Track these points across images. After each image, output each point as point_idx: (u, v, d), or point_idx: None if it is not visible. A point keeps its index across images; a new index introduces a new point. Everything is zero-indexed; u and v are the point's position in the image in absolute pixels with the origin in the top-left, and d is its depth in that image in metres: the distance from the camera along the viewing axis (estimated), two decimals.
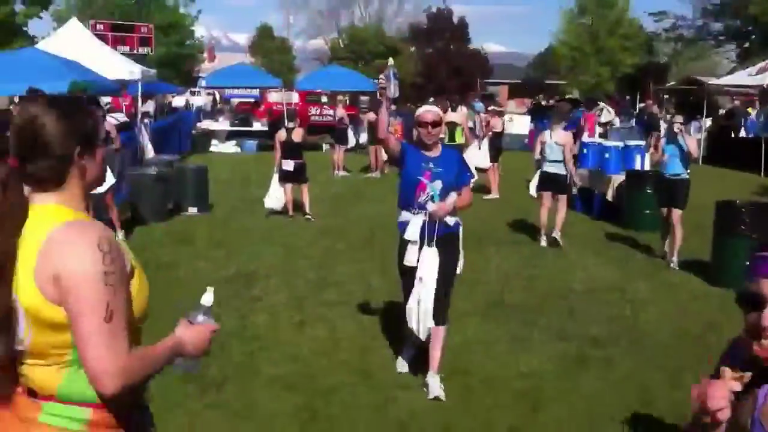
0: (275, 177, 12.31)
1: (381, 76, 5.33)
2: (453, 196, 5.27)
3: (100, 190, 10.14)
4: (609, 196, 12.50)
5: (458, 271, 5.45)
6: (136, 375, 1.94)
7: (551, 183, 10.47)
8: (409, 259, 5.24)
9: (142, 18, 34.94)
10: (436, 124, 5.34)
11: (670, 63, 50.25)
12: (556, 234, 10.43)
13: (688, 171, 9.30)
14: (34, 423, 1.97)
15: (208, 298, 2.26)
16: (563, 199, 10.54)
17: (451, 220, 5.30)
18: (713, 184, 15.37)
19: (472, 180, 5.74)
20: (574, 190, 12.04)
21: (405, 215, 5.37)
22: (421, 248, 5.21)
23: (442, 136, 5.71)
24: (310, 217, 12.11)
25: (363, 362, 5.95)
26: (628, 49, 47.22)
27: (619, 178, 12.46)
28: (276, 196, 12.32)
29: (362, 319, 7.02)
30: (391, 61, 5.56)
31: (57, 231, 1.93)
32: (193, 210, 12.53)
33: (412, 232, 5.21)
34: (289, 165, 12.09)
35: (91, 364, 1.88)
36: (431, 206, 5.19)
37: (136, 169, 12.44)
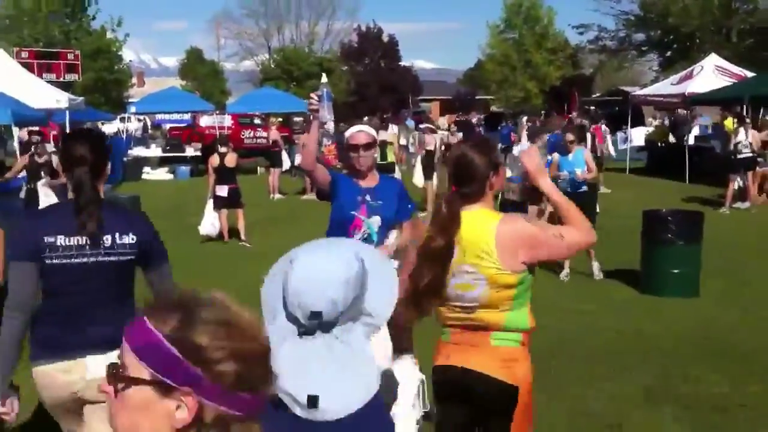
0: (210, 203, 12.20)
1: (313, 95, 4.46)
2: (394, 235, 4.53)
3: None
4: None
5: None
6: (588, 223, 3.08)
7: None
8: None
9: (68, 44, 34.38)
10: (369, 146, 4.60)
11: (596, 74, 51.51)
12: None
13: (585, 186, 9.26)
14: (488, 345, 3.02)
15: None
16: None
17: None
18: (643, 194, 15.76)
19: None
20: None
21: None
22: None
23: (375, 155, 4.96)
24: (245, 243, 12.01)
25: None
26: (554, 62, 48.31)
27: None
28: (211, 222, 12.20)
29: None
30: (324, 78, 4.77)
31: (501, 224, 2.97)
32: None
33: None
34: (223, 191, 11.99)
35: (581, 246, 3.10)
36: None
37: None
